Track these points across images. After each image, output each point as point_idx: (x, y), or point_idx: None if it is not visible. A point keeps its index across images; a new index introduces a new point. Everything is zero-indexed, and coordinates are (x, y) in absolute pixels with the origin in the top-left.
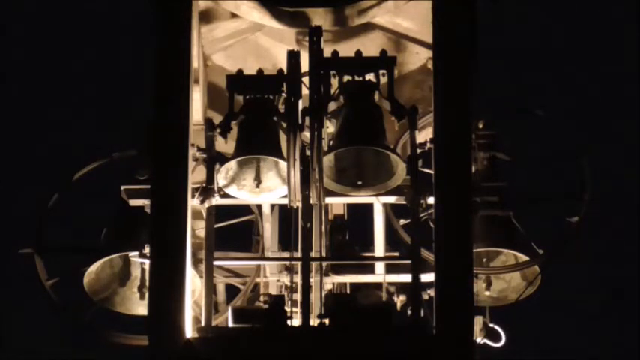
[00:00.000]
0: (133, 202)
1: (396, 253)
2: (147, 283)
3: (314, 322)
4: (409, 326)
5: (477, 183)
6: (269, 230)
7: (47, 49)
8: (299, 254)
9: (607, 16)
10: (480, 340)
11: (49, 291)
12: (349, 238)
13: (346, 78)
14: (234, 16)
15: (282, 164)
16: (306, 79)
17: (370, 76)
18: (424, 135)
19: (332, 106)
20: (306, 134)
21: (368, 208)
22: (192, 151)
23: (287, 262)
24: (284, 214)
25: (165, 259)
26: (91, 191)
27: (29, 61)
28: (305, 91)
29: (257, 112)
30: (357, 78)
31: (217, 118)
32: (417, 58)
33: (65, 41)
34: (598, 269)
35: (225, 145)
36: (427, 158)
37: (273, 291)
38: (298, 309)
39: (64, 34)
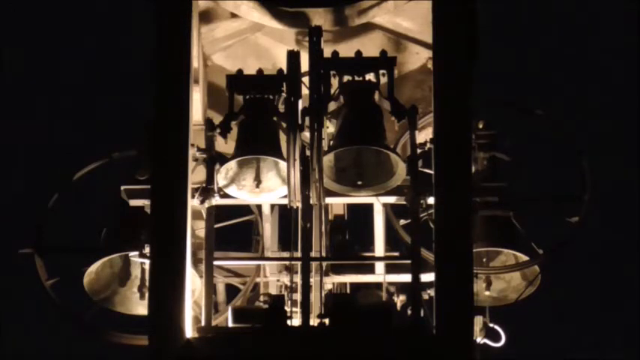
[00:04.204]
0: (133, 202)
1: (396, 253)
2: (147, 283)
3: (314, 322)
4: (409, 326)
5: (477, 183)
6: (269, 230)
7: (47, 48)
8: (299, 254)
9: (607, 16)
10: (480, 340)
11: (49, 291)
12: (349, 238)
13: (346, 78)
14: (234, 16)
15: (282, 164)
16: (306, 79)
17: (370, 76)
18: (424, 135)
19: (332, 106)
20: (306, 134)
21: (368, 208)
22: (192, 151)
23: (287, 262)
24: (284, 214)
25: (166, 259)
26: (91, 191)
27: (29, 61)
28: (305, 91)
29: (257, 112)
30: (357, 78)
31: (217, 118)
32: (417, 58)
33: (65, 41)
34: (598, 269)
35: (225, 145)
36: (427, 158)
37: (273, 291)
38: (298, 309)
39: (64, 33)
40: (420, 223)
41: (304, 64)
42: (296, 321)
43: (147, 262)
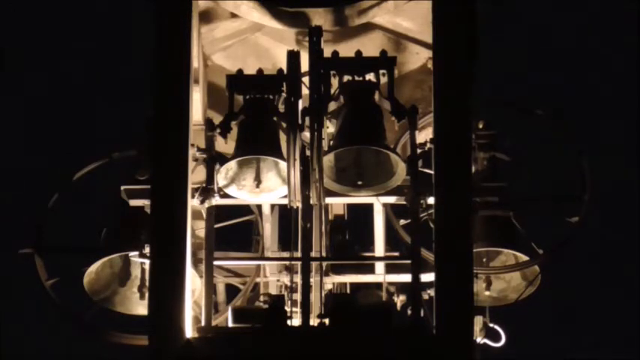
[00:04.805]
0: (133, 202)
1: (396, 253)
2: (147, 283)
3: (314, 322)
4: (409, 326)
5: (477, 183)
6: (269, 230)
7: (47, 47)
8: (299, 254)
9: (607, 15)
10: (480, 340)
11: (49, 291)
12: (349, 238)
13: (346, 78)
14: (234, 16)
15: (282, 164)
16: (306, 79)
17: (370, 76)
18: (424, 135)
19: (332, 106)
20: (306, 134)
21: (368, 208)
22: (192, 151)
23: (287, 262)
24: (284, 214)
25: (166, 259)
26: (91, 191)
27: (29, 60)
28: (305, 91)
29: (257, 112)
30: (357, 78)
31: (217, 118)
32: (417, 58)
33: (65, 40)
34: (598, 269)
35: (225, 145)
36: (427, 158)
37: (273, 291)
38: (298, 309)
39: (64, 33)
40: (420, 223)
41: (304, 64)
42: (296, 321)
43: (147, 262)
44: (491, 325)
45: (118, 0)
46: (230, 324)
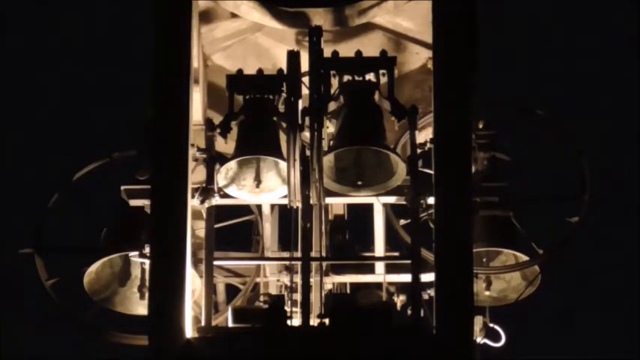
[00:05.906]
0: (133, 202)
1: (396, 253)
2: (147, 283)
3: (314, 322)
4: (409, 326)
5: (477, 183)
6: (269, 230)
7: (47, 47)
8: (299, 254)
9: (607, 15)
10: (480, 340)
11: (49, 291)
12: (349, 238)
13: (346, 78)
14: (234, 16)
15: (282, 164)
16: (306, 79)
17: (370, 76)
18: (424, 135)
19: (332, 106)
20: (306, 134)
21: (368, 208)
22: (192, 151)
23: (287, 262)
24: (284, 214)
25: (166, 259)
26: (91, 191)
27: (29, 60)
28: (305, 91)
29: (257, 112)
30: (357, 78)
31: (217, 118)
32: (417, 58)
33: (65, 40)
34: (598, 269)
35: (225, 145)
36: (427, 158)
37: (273, 291)
38: (298, 309)
39: (64, 32)
40: (420, 223)
41: (304, 64)
42: (296, 321)
43: (147, 262)
44: (491, 325)
45: (118, 0)
46: (230, 324)
